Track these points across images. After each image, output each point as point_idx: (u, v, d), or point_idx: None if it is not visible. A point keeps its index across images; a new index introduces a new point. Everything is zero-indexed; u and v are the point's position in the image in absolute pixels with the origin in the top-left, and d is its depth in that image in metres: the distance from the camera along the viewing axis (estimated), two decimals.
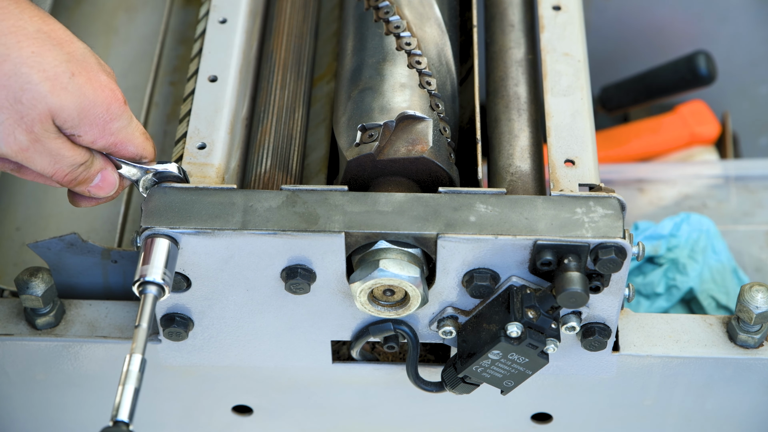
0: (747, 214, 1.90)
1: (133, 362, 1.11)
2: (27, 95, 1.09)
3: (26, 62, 1.09)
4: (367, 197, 1.23)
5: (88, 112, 1.13)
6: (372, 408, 1.44)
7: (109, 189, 1.21)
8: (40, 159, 1.14)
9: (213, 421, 1.47)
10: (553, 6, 1.44)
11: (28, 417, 1.46)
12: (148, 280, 1.16)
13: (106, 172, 1.20)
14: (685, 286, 1.67)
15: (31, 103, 1.10)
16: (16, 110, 1.10)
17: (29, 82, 1.09)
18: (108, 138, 1.16)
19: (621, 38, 2.15)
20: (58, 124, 1.12)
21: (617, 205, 1.23)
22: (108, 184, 1.21)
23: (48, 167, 1.15)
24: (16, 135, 1.11)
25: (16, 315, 1.36)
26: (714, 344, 1.34)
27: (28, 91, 1.09)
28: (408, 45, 1.37)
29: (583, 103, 1.35)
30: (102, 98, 1.13)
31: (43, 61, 1.10)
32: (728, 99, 2.17)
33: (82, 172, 1.18)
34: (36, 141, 1.12)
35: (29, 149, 1.12)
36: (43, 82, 1.09)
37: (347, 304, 1.28)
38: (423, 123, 1.29)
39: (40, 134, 1.12)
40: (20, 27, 1.10)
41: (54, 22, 1.13)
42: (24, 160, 1.14)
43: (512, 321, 1.21)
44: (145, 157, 1.22)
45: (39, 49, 1.10)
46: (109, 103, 1.14)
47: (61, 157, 1.15)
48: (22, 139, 1.11)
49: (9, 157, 1.13)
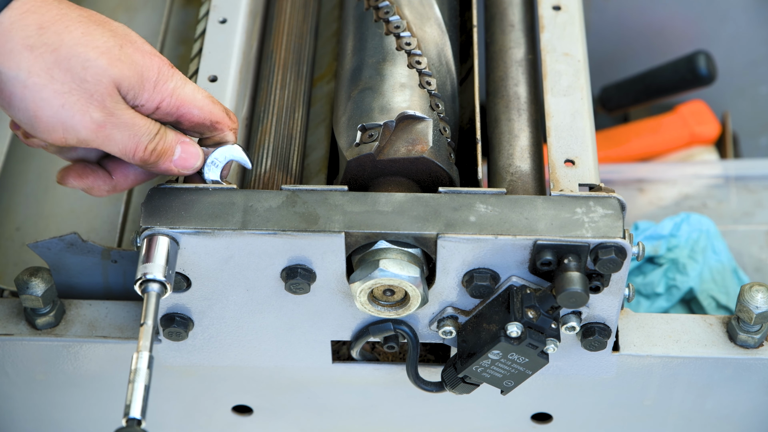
0: (747, 214, 1.90)
1: (141, 360, 1.11)
2: (90, 72, 1.12)
3: (80, 42, 1.12)
4: (367, 197, 1.23)
5: (144, 76, 1.16)
6: (372, 408, 1.44)
7: (194, 160, 1.21)
8: (119, 133, 1.15)
9: (213, 421, 1.47)
10: (553, 6, 1.44)
11: (28, 417, 1.46)
12: (150, 278, 1.17)
13: (185, 144, 1.21)
14: (685, 286, 1.67)
15: (96, 78, 1.13)
16: (84, 89, 1.12)
17: (88, 59, 1.12)
18: (169, 100, 1.18)
19: (621, 38, 2.15)
20: (122, 94, 1.15)
21: (617, 205, 1.23)
22: (191, 155, 1.21)
23: (128, 141, 1.16)
24: (91, 113, 1.13)
25: (16, 315, 1.36)
26: (714, 344, 1.34)
27: (90, 68, 1.12)
28: (408, 45, 1.37)
29: (583, 103, 1.35)
30: (151, 63, 1.16)
31: (94, 39, 1.13)
32: (728, 99, 2.17)
33: (160, 142, 1.18)
34: (110, 115, 1.14)
35: (106, 125, 1.14)
36: (100, 57, 1.13)
37: (347, 304, 1.28)
38: (423, 123, 1.29)
39: (112, 107, 1.14)
40: (64, 14, 1.13)
41: (89, 9, 1.17)
42: (104, 139, 1.15)
43: (512, 321, 1.21)
44: (217, 122, 1.22)
45: (86, 29, 1.13)
46: (159, 66, 1.17)
47: (137, 127, 1.16)
48: (97, 115, 1.13)
49: (88, 140, 1.14)
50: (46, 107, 1.12)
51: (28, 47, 1.10)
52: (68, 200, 1.55)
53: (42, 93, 1.11)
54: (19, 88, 1.11)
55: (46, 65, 1.11)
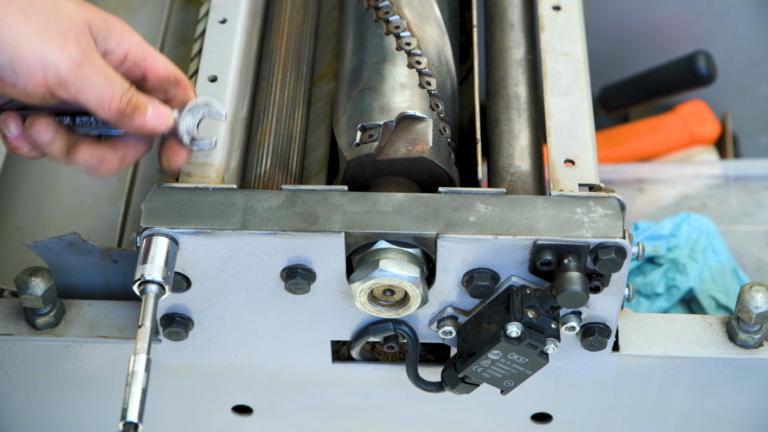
0: (747, 214, 1.90)
1: (139, 362, 1.11)
2: (62, 11, 1.15)
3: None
4: (367, 197, 1.23)
5: (110, 24, 1.19)
6: (372, 408, 1.44)
7: (166, 118, 1.22)
8: (96, 77, 1.15)
9: (213, 421, 1.47)
10: (553, 6, 1.44)
11: (28, 417, 1.46)
12: (148, 279, 1.16)
13: (155, 102, 1.21)
14: (685, 286, 1.67)
15: (69, 16, 1.15)
16: (60, 26, 1.14)
17: (59, 2, 1.15)
18: (136, 49, 1.20)
19: (621, 38, 2.15)
20: (93, 35, 1.17)
21: (617, 205, 1.23)
22: (163, 113, 1.21)
23: (105, 87, 1.16)
24: (69, 49, 1.14)
25: (16, 315, 1.36)
26: (714, 344, 1.34)
27: (62, 9, 1.15)
28: (408, 45, 1.37)
29: (583, 103, 1.35)
30: (115, 18, 1.20)
31: None
32: (728, 99, 2.17)
33: (134, 96, 1.19)
34: (86, 55, 1.15)
35: (84, 64, 1.14)
36: (69, 1, 1.16)
37: (347, 304, 1.28)
38: (423, 123, 1.29)
39: (86, 46, 1.15)
40: None
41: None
42: (82, 80, 1.15)
43: (512, 321, 1.21)
44: (180, 78, 1.23)
45: None
46: (122, 22, 1.20)
47: (112, 76, 1.17)
48: (75, 52, 1.14)
49: (68, 80, 1.14)
50: (27, 43, 1.12)
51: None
52: (68, 200, 1.55)
53: (21, 29, 1.12)
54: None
55: (19, 6, 1.12)
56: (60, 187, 1.57)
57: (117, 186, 1.56)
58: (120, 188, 1.56)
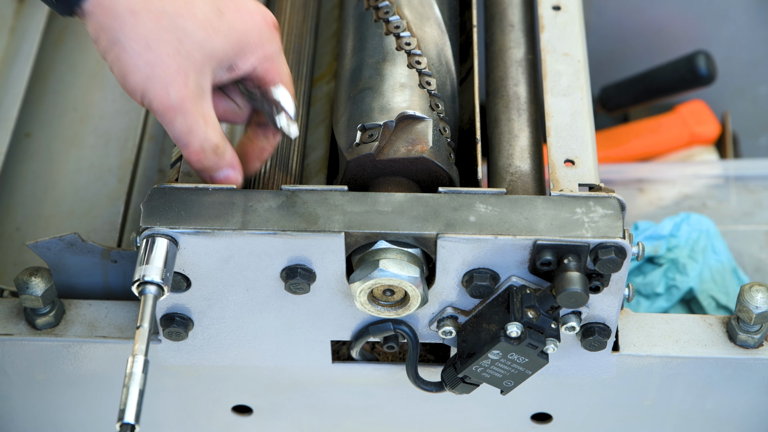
0: (747, 214, 1.90)
1: (137, 364, 1.10)
2: (185, 46, 1.16)
3: (180, 13, 1.15)
4: (367, 197, 1.23)
5: (241, 44, 1.19)
6: (372, 408, 1.44)
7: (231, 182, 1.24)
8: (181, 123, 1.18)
9: (213, 421, 1.47)
10: (553, 6, 1.44)
11: (28, 417, 1.46)
12: (147, 280, 1.16)
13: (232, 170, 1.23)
14: (685, 286, 1.67)
15: (191, 50, 1.16)
16: (176, 62, 1.15)
17: (186, 33, 1.15)
18: (264, 64, 1.21)
19: (621, 38, 2.15)
20: (216, 64, 1.18)
21: (617, 205, 1.23)
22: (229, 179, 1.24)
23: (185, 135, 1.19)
24: (170, 90, 1.16)
25: (16, 315, 1.36)
26: (714, 344, 1.34)
27: (186, 42, 1.15)
28: (408, 45, 1.37)
29: (583, 103, 1.35)
30: (252, 25, 1.20)
31: (194, 7, 1.16)
32: (728, 99, 2.17)
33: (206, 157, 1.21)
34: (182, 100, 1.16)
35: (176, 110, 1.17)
36: (197, 30, 1.16)
37: (347, 304, 1.28)
38: (423, 123, 1.29)
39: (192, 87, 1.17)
40: None
41: None
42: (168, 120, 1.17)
43: (512, 321, 1.21)
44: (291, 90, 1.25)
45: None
46: (260, 28, 1.20)
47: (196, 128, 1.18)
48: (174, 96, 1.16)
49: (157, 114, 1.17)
50: (136, 74, 1.15)
51: (131, 12, 1.14)
52: (68, 200, 1.55)
53: (136, 60, 1.15)
54: (118, 47, 1.15)
55: (145, 33, 1.14)
56: (60, 187, 1.57)
57: (117, 186, 1.57)
58: (120, 188, 1.56)
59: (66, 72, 1.70)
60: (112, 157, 1.60)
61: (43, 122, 1.64)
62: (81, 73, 1.70)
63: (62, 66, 1.70)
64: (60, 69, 1.70)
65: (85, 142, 1.62)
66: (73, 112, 1.66)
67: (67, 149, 1.61)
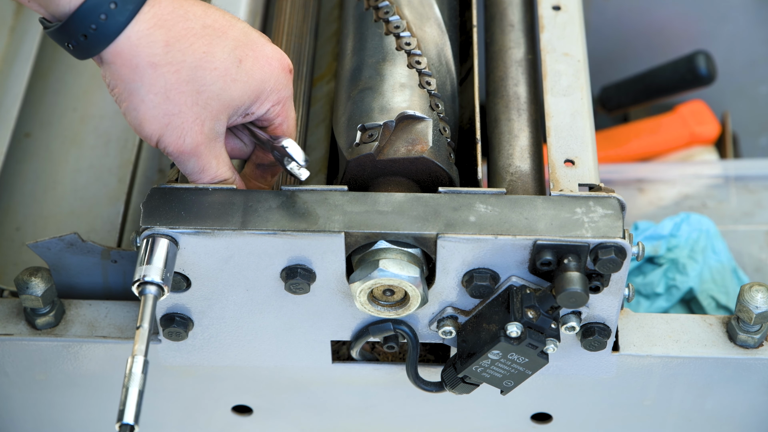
0: (747, 214, 1.90)
1: (136, 364, 1.10)
2: (205, 95, 1.16)
3: (200, 65, 1.15)
4: (367, 197, 1.23)
5: (258, 92, 1.20)
6: (372, 408, 1.44)
7: None
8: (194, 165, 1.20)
9: (213, 421, 1.47)
10: (553, 6, 1.44)
11: (28, 417, 1.46)
12: (147, 280, 1.16)
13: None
14: (685, 286, 1.67)
15: (209, 99, 1.16)
16: (193, 113, 1.16)
17: (204, 84, 1.15)
18: (276, 107, 1.22)
19: (621, 38, 2.15)
20: (232, 111, 1.19)
21: (617, 205, 1.23)
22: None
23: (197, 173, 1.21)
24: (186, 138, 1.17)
25: (16, 315, 1.36)
26: (714, 344, 1.34)
27: (203, 93, 1.16)
28: (408, 45, 1.37)
29: (583, 103, 1.35)
30: (269, 73, 1.20)
31: (214, 58, 1.16)
32: (728, 99, 2.17)
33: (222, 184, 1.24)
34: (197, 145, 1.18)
35: (189, 154, 1.18)
36: (215, 81, 1.16)
37: (347, 304, 1.28)
38: (423, 123, 1.29)
39: (207, 134, 1.18)
40: (189, 28, 1.15)
41: (213, 10, 1.18)
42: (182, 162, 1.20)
43: (512, 321, 1.21)
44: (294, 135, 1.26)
45: (209, 47, 1.16)
46: (277, 76, 1.20)
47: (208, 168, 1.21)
48: (189, 143, 1.17)
49: (171, 156, 1.19)
50: (154, 123, 1.15)
51: (152, 65, 1.13)
52: (68, 200, 1.55)
53: (154, 111, 1.15)
54: (136, 98, 1.14)
55: (165, 85, 1.14)
56: (60, 187, 1.57)
57: (117, 186, 1.57)
58: (120, 188, 1.56)
59: (66, 72, 1.70)
60: (112, 157, 1.60)
61: (43, 122, 1.64)
62: (81, 73, 1.70)
63: (62, 66, 1.70)
64: (60, 69, 1.70)
65: (85, 142, 1.62)
66: (73, 112, 1.66)
67: (67, 149, 1.61)
